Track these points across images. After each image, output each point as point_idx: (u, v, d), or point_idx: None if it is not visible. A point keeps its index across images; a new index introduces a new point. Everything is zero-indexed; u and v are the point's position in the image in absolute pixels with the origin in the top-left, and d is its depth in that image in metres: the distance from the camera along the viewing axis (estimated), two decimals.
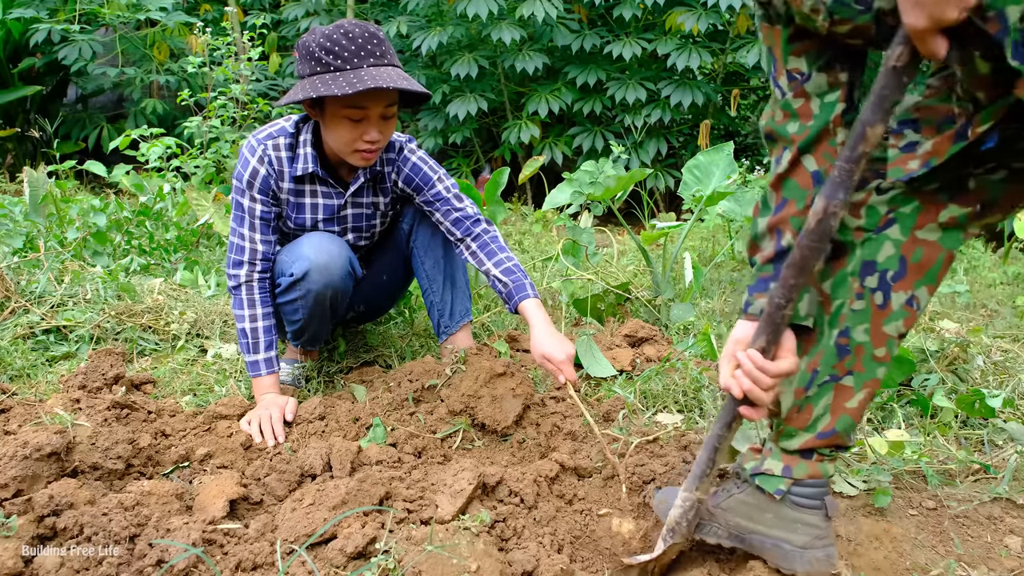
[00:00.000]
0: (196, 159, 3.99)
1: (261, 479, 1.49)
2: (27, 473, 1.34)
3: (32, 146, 5.72)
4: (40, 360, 2.10)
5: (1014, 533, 1.45)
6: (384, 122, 1.75)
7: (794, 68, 1.13)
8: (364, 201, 1.96)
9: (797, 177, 1.17)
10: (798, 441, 1.25)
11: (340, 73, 1.65)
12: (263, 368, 1.84)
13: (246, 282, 1.86)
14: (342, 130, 1.73)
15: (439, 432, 1.75)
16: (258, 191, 1.84)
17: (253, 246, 1.86)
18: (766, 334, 1.14)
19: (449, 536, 1.26)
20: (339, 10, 5.93)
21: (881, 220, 1.16)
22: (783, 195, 1.18)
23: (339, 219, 1.96)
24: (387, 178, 1.97)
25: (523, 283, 1.86)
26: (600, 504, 1.52)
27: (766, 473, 1.28)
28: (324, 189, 1.90)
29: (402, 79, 1.67)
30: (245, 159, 1.84)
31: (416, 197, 1.97)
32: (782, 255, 1.18)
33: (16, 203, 3.30)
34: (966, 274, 3.49)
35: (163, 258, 3.12)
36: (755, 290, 1.21)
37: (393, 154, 1.94)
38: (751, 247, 1.24)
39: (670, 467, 1.59)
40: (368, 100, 1.69)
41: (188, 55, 5.08)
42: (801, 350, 1.21)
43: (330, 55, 1.65)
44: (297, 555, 1.22)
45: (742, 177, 3.33)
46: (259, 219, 1.86)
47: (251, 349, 1.84)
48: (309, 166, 1.83)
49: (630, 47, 4.96)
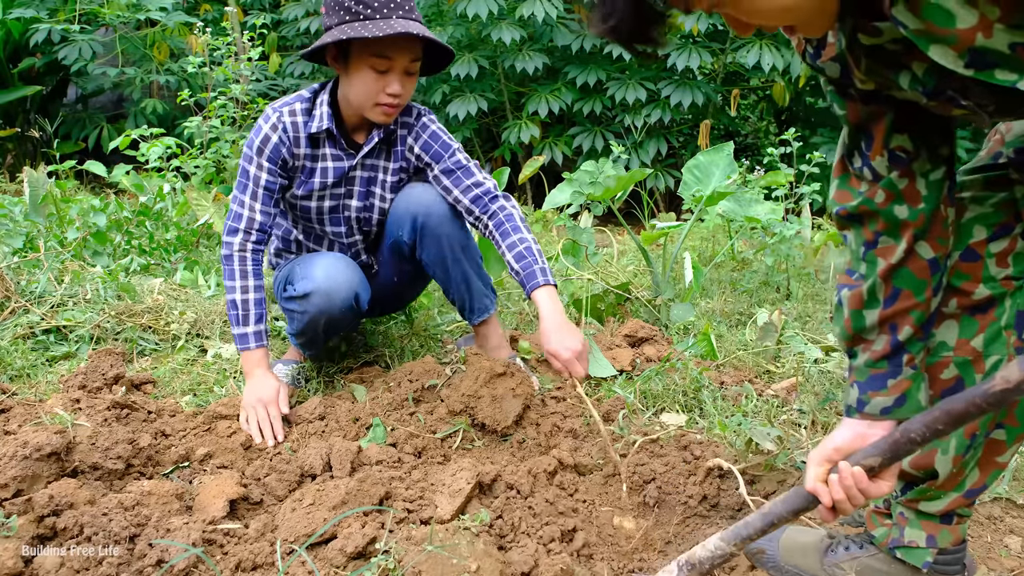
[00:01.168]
0: (196, 159, 3.99)
1: (261, 479, 1.49)
2: (27, 473, 1.34)
3: (32, 146, 5.72)
4: (40, 360, 2.10)
5: (1014, 533, 1.45)
6: (407, 78, 1.77)
7: (898, 146, 1.03)
8: (374, 164, 1.94)
9: (912, 266, 1.05)
10: (942, 504, 1.17)
11: (369, 21, 1.68)
12: (252, 341, 1.80)
13: (239, 252, 1.82)
14: (366, 80, 1.75)
15: (439, 432, 1.75)
16: (267, 159, 1.83)
17: (252, 215, 1.84)
18: (883, 457, 1.02)
19: (449, 536, 1.26)
20: None
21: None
22: (896, 286, 1.06)
23: (347, 180, 1.93)
24: (402, 141, 1.94)
25: (533, 270, 1.79)
26: (600, 502, 1.52)
27: (909, 546, 1.19)
28: (335, 152, 1.89)
29: (429, 32, 1.70)
30: (258, 127, 1.84)
31: (434, 167, 1.93)
32: (899, 350, 1.07)
33: (16, 203, 3.30)
34: None
35: (163, 258, 3.12)
36: (869, 388, 1.09)
37: (411, 119, 1.93)
38: (854, 339, 1.11)
39: (670, 467, 1.59)
40: (394, 50, 1.72)
41: (188, 55, 5.08)
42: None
43: (360, 4, 1.69)
44: (297, 555, 1.22)
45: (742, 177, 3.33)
46: (263, 188, 1.84)
47: (240, 321, 1.80)
48: (324, 123, 1.83)
49: None
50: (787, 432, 1.74)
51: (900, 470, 1.15)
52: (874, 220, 1.07)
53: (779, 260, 2.93)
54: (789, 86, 5.27)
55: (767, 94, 5.97)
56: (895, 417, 1.07)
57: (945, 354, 1.11)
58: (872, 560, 1.24)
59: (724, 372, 2.15)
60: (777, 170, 3.12)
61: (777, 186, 3.17)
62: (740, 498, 1.50)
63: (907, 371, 1.07)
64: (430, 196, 1.92)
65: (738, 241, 3.54)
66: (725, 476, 1.56)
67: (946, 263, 1.09)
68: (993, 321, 1.09)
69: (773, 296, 2.91)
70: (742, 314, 2.69)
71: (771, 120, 6.59)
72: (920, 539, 1.19)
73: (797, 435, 1.73)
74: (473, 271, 2.01)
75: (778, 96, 5.34)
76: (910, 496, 1.19)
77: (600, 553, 1.40)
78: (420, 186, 1.95)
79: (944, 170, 1.04)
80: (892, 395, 1.07)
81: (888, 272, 1.06)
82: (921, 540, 1.19)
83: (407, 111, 1.93)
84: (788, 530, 1.34)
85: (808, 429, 1.79)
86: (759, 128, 6.72)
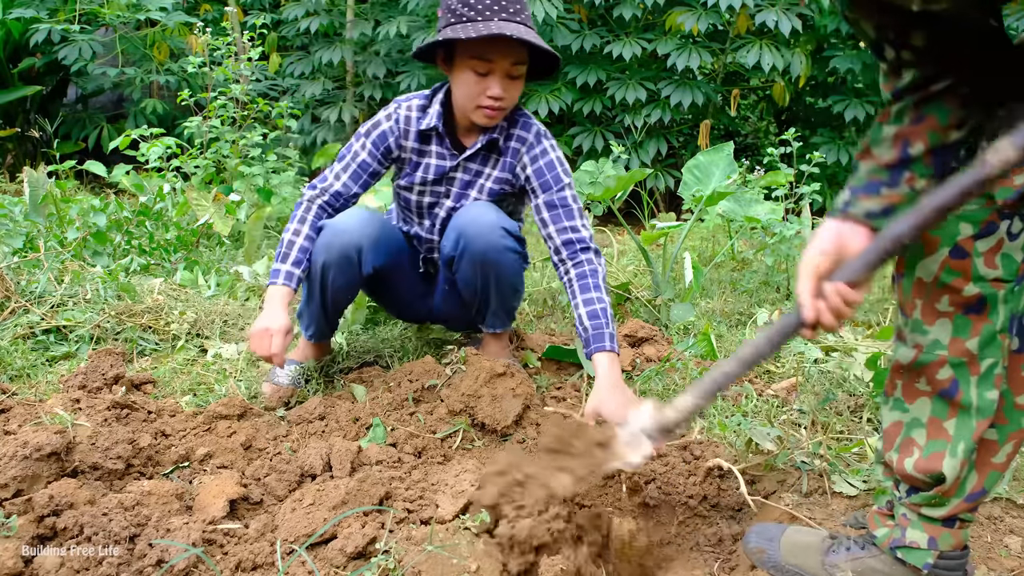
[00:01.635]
0: (196, 159, 3.99)
1: (261, 479, 1.49)
2: (27, 473, 1.34)
3: (32, 146, 5.72)
4: (40, 360, 2.10)
5: (1014, 533, 1.45)
6: (510, 81, 1.78)
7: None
8: (477, 169, 1.95)
9: (948, 101, 1.03)
10: (946, 509, 1.16)
11: (470, 23, 1.70)
12: (281, 277, 1.83)
13: (308, 201, 1.92)
14: (468, 81, 1.77)
15: (439, 432, 1.75)
16: (371, 141, 1.92)
17: (335, 180, 1.93)
18: (867, 268, 1.02)
19: (449, 536, 1.26)
20: (339, 10, 5.93)
21: (1020, 268, 1.07)
22: (924, 111, 1.05)
23: (447, 180, 1.96)
24: (513, 154, 1.92)
25: (603, 332, 1.71)
26: (600, 503, 1.52)
27: (911, 547, 1.19)
28: (440, 150, 1.93)
29: (530, 35, 1.70)
30: (377, 115, 1.95)
31: (539, 195, 1.89)
32: (905, 163, 1.06)
33: (16, 203, 3.30)
34: None
35: (163, 258, 3.12)
36: (862, 192, 1.08)
37: (529, 135, 1.92)
38: (864, 152, 1.10)
39: (670, 467, 1.59)
40: (494, 52, 1.73)
41: (188, 55, 5.08)
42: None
43: (465, 6, 1.72)
44: (297, 555, 1.22)
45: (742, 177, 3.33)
46: (356, 164, 1.93)
47: (280, 257, 1.85)
48: (433, 121, 1.88)
49: (630, 47, 4.96)
50: (787, 432, 1.74)
51: (906, 475, 1.16)
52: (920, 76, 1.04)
53: (779, 260, 2.93)
54: (789, 86, 5.27)
55: (767, 94, 5.97)
56: (875, 225, 1.06)
57: (940, 353, 1.10)
58: (873, 561, 1.23)
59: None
60: (777, 170, 3.12)
61: (777, 186, 3.17)
62: (740, 498, 1.50)
63: (904, 188, 1.06)
64: (487, 219, 1.85)
65: (738, 241, 3.54)
66: (725, 476, 1.56)
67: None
68: (988, 324, 1.08)
69: (773, 296, 2.91)
70: (742, 314, 2.69)
71: (771, 120, 6.60)
72: (922, 540, 1.18)
73: (797, 435, 1.73)
74: (498, 303, 1.98)
75: (778, 96, 5.33)
76: (914, 500, 1.18)
77: (601, 553, 1.40)
78: (485, 207, 1.89)
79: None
80: (881, 203, 1.06)
81: (923, 99, 1.04)
82: (923, 542, 1.18)
83: (526, 127, 1.93)
84: (789, 530, 1.34)
85: (808, 429, 1.79)
86: (759, 128, 6.72)
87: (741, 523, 1.49)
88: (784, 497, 1.49)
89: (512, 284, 1.95)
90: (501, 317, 2.03)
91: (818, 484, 1.55)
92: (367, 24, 5.73)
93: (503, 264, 1.88)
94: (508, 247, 1.87)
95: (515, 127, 1.92)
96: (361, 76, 5.90)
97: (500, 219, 1.86)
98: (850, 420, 1.84)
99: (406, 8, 5.40)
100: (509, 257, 1.88)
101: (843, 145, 5.03)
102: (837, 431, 1.78)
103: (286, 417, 1.82)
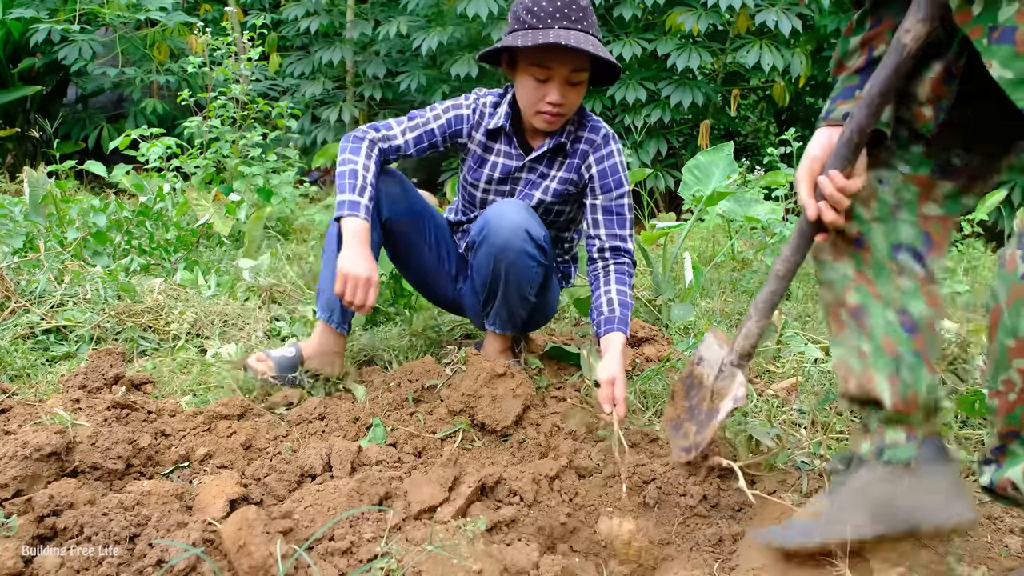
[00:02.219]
0: (196, 159, 3.99)
1: (261, 479, 1.49)
2: (27, 473, 1.34)
3: (32, 146, 5.72)
4: (40, 360, 2.10)
5: (1014, 533, 1.45)
6: (570, 88, 1.78)
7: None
8: (543, 170, 1.95)
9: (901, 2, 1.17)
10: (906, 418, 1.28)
11: (532, 31, 1.70)
12: (362, 211, 1.73)
13: (371, 140, 1.83)
14: (528, 87, 1.79)
15: (439, 432, 1.75)
16: (447, 119, 1.93)
17: (400, 135, 1.90)
18: (846, 157, 1.20)
19: (449, 536, 1.26)
20: (339, 10, 5.93)
21: (891, 208, 1.25)
22: (880, 15, 1.21)
23: (512, 179, 1.96)
24: (577, 155, 1.93)
25: (627, 317, 1.79)
26: (600, 503, 1.52)
27: (892, 446, 1.27)
28: (507, 149, 1.94)
29: (588, 43, 1.69)
30: (459, 99, 1.96)
31: (598, 195, 1.90)
32: (872, 64, 1.21)
33: (16, 203, 3.30)
34: (966, 274, 3.49)
35: (163, 258, 3.12)
36: (840, 98, 1.25)
37: (597, 138, 1.93)
38: (837, 66, 1.28)
39: (671, 467, 1.59)
40: (552, 60, 1.73)
41: (188, 55, 5.08)
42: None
43: (529, 14, 1.72)
44: (297, 555, 1.22)
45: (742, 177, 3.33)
46: (425, 130, 1.91)
47: (355, 189, 1.74)
48: (501, 120, 1.90)
49: (630, 47, 4.96)
50: (787, 432, 1.74)
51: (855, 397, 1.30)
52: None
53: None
54: (789, 86, 5.27)
55: (767, 94, 5.97)
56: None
57: (847, 283, 1.28)
58: (866, 474, 1.28)
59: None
60: (777, 170, 3.13)
61: (777, 186, 3.18)
62: (740, 498, 1.50)
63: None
64: (516, 218, 1.80)
65: (738, 241, 3.54)
66: (725, 476, 1.56)
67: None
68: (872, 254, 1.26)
69: None
70: (742, 314, 2.69)
71: (771, 120, 6.60)
72: (900, 439, 1.27)
73: (797, 435, 1.73)
74: (502, 303, 1.93)
75: (778, 96, 5.34)
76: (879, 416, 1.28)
77: (601, 554, 1.40)
78: (520, 206, 1.83)
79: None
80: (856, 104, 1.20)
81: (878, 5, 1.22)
82: (902, 439, 1.27)
83: (595, 129, 1.93)
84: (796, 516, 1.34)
85: (808, 429, 1.79)
86: (759, 128, 6.72)
87: (741, 523, 1.49)
88: (784, 497, 1.49)
89: (521, 290, 1.89)
90: (503, 319, 1.99)
91: (818, 484, 1.55)
92: (367, 24, 5.73)
93: (517, 266, 1.83)
94: (526, 251, 1.81)
95: (583, 129, 1.93)
96: (361, 76, 5.91)
97: (529, 222, 1.81)
98: (850, 420, 1.84)
99: (406, 8, 5.40)
100: (525, 262, 1.83)
101: None
102: (837, 431, 1.78)
103: (286, 417, 1.82)
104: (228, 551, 1.20)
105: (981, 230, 3.97)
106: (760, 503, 1.48)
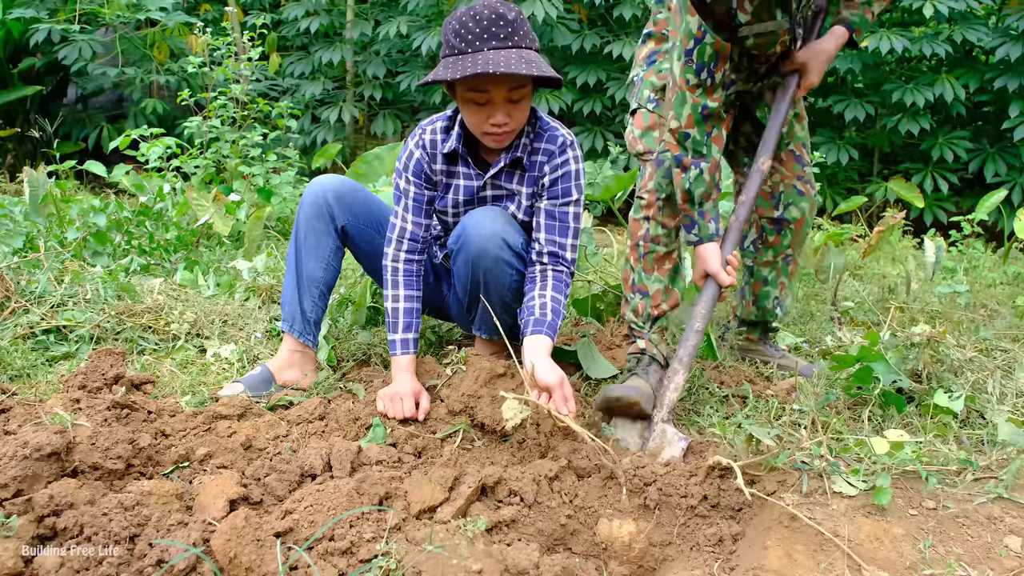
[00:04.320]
0: (196, 159, 3.99)
1: (261, 479, 1.49)
2: (27, 473, 1.34)
3: (32, 146, 5.72)
4: (40, 360, 2.10)
5: (1014, 533, 1.45)
6: (512, 105, 1.73)
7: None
8: (505, 185, 1.92)
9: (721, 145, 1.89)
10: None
11: (461, 56, 1.67)
12: (398, 348, 1.89)
13: (392, 263, 1.94)
14: (470, 111, 1.77)
15: (439, 432, 1.75)
16: (412, 173, 1.93)
17: (404, 224, 1.94)
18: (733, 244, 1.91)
19: (449, 536, 1.26)
20: (339, 10, 5.93)
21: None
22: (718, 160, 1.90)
23: (479, 199, 1.95)
24: (539, 168, 1.89)
25: (556, 323, 1.78)
26: (600, 505, 1.52)
27: (653, 344, 2.06)
28: (466, 170, 1.92)
29: (518, 63, 1.63)
30: (406, 144, 1.95)
31: (544, 199, 1.89)
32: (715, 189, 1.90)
33: (16, 203, 3.30)
34: (966, 274, 3.49)
35: (163, 258, 3.12)
36: (715, 220, 1.89)
37: (554, 147, 1.88)
38: (706, 195, 1.86)
39: (671, 468, 1.59)
40: (487, 83, 1.69)
41: (188, 55, 5.08)
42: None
43: (457, 38, 1.68)
44: (297, 555, 1.22)
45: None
46: (412, 200, 1.94)
47: (391, 328, 1.91)
48: (453, 143, 1.87)
49: (630, 47, 4.95)
50: (787, 432, 1.74)
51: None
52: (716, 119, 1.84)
53: None
54: None
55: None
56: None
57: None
58: (653, 370, 2.00)
59: (724, 372, 2.15)
60: None
61: None
62: (741, 498, 1.50)
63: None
64: (491, 226, 1.83)
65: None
66: (725, 476, 1.56)
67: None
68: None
69: None
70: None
71: None
72: (656, 339, 2.06)
73: (797, 435, 1.73)
74: (484, 310, 1.95)
75: None
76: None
77: (601, 555, 1.40)
78: (497, 214, 1.86)
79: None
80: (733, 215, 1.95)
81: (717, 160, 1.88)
82: (656, 340, 2.05)
83: (552, 139, 1.88)
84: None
85: (808, 429, 1.79)
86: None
87: (741, 523, 1.49)
88: (784, 497, 1.49)
89: (501, 296, 1.90)
90: (489, 324, 2.00)
91: (818, 484, 1.55)
92: (367, 24, 5.73)
93: (494, 273, 1.85)
94: (502, 258, 1.83)
95: (540, 140, 1.88)
96: (361, 76, 5.91)
97: (505, 229, 1.83)
98: (850, 420, 1.84)
99: (406, 8, 5.40)
100: (502, 268, 1.85)
101: (843, 145, 5.04)
102: (837, 431, 1.78)
103: (286, 417, 1.82)
104: (222, 565, 1.20)
105: (981, 230, 3.97)
106: (760, 503, 1.48)
